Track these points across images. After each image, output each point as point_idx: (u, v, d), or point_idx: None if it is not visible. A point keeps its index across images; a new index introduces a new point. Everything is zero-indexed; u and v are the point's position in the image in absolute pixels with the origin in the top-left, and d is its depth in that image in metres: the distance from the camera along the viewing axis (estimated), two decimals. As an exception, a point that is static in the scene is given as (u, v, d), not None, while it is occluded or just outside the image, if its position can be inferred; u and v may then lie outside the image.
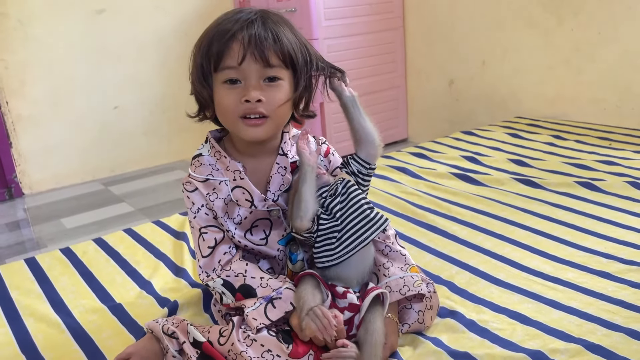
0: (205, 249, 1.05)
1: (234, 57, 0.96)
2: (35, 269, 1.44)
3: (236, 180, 1.05)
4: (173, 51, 3.13)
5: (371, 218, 1.01)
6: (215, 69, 0.99)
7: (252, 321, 0.95)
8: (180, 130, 3.22)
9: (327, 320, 0.90)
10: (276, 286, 0.99)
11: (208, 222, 1.05)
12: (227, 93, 0.99)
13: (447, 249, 1.39)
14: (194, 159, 1.08)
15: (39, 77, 2.81)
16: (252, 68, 0.97)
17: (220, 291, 1.02)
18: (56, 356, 1.08)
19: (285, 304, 0.97)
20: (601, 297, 1.12)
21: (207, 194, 1.04)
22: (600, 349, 0.97)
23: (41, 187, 2.92)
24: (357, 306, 0.97)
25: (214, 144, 1.07)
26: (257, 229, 1.07)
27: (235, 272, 1.02)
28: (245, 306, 0.97)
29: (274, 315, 0.96)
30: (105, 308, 1.23)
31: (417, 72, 3.19)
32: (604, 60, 2.37)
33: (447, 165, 2.00)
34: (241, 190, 1.05)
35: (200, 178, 1.05)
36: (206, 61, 0.99)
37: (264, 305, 0.97)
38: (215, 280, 1.03)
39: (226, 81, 0.98)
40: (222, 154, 1.06)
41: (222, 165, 1.06)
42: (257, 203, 1.05)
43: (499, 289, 1.19)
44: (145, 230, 1.64)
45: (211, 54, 0.98)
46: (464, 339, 1.03)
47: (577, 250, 1.33)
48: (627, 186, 1.64)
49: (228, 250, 1.05)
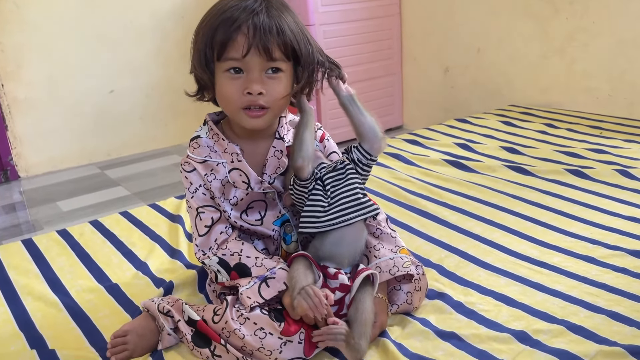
0: (202, 228, 1.07)
1: (238, 50, 0.98)
2: (32, 250, 1.46)
3: (233, 163, 1.07)
4: (170, 35, 3.13)
5: (362, 202, 1.04)
6: (218, 58, 1.00)
7: (246, 299, 0.97)
8: (177, 114, 3.23)
9: (318, 299, 0.93)
10: (270, 266, 1.02)
11: (205, 202, 1.08)
12: (229, 83, 1.00)
13: (438, 234, 1.42)
14: (192, 140, 1.10)
15: (35, 60, 2.81)
16: (255, 60, 0.99)
17: (216, 269, 1.05)
18: (54, 334, 1.10)
19: (278, 283, 0.99)
20: (585, 281, 1.15)
21: (205, 174, 1.07)
22: (582, 330, 1.00)
23: (37, 170, 2.93)
24: (348, 287, 0.99)
25: (212, 127, 1.10)
26: (253, 210, 1.10)
27: (231, 251, 1.05)
28: (240, 285, 1.00)
29: (268, 294, 0.98)
30: (101, 288, 1.26)
31: (412, 59, 3.20)
32: (597, 49, 2.39)
33: (440, 152, 2.02)
34: (238, 172, 1.07)
35: (198, 159, 1.08)
36: (209, 49, 1.00)
37: (257, 284, 0.99)
38: (211, 258, 1.05)
39: (229, 70, 1.00)
40: (220, 137, 1.08)
41: (220, 148, 1.08)
42: (253, 185, 1.08)
43: (487, 272, 1.22)
44: (141, 213, 1.66)
45: (215, 42, 0.99)
46: (451, 319, 1.06)
47: (564, 235, 1.36)
48: (615, 174, 1.67)
49: (224, 229, 1.08)
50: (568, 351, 0.94)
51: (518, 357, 0.94)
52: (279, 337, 0.94)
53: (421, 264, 1.13)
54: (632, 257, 1.23)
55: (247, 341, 0.94)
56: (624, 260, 1.22)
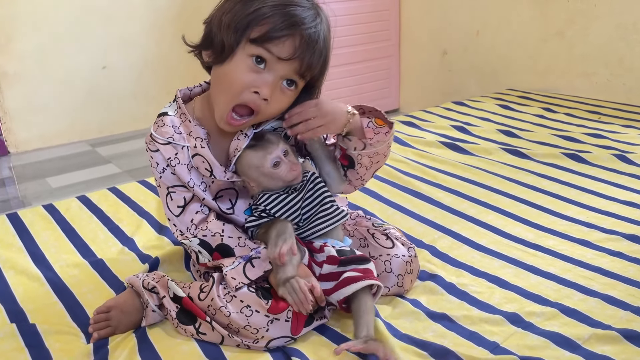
0: (175, 208, 1.02)
1: (281, 50, 0.91)
2: (16, 224, 1.43)
3: (197, 148, 1.00)
4: (164, 11, 3.07)
5: (333, 213, 1.02)
6: (254, 41, 0.91)
7: (231, 280, 0.94)
8: (171, 92, 3.15)
9: (303, 295, 0.89)
10: (254, 245, 0.99)
11: (175, 181, 1.01)
12: (245, 69, 0.93)
13: (431, 215, 1.39)
14: (159, 117, 1.02)
15: (26, 33, 2.75)
16: (286, 68, 0.93)
17: (197, 250, 1.01)
18: (35, 308, 1.08)
19: (264, 263, 0.96)
20: (579, 264, 1.13)
21: (169, 158, 1.00)
22: (576, 313, 0.98)
23: (27, 146, 2.88)
24: (336, 258, 0.97)
25: (180, 105, 1.03)
26: (223, 199, 1.04)
27: (212, 232, 1.00)
28: (224, 265, 0.97)
29: (253, 275, 0.95)
30: (86, 263, 1.23)
31: (411, 41, 3.16)
32: (597, 33, 2.35)
33: (437, 134, 1.99)
34: (201, 159, 1.00)
35: (161, 140, 1.00)
36: (252, 25, 0.91)
37: (242, 264, 0.96)
38: (191, 240, 1.01)
39: (255, 57, 0.92)
40: (188, 117, 1.01)
41: (185, 129, 1.01)
42: (216, 174, 1.01)
43: (480, 254, 1.20)
44: (129, 189, 1.63)
45: (262, 25, 0.91)
46: (442, 301, 1.04)
47: (559, 219, 1.34)
48: (612, 158, 1.65)
49: (200, 209, 1.02)
50: (561, 334, 0.92)
51: (510, 339, 0.92)
52: (265, 315, 0.91)
53: (413, 245, 1.11)
54: (628, 242, 1.21)
55: (233, 319, 0.91)
56: (619, 244, 1.20)
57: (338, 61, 2.94)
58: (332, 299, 0.96)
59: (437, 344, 0.91)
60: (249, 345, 0.92)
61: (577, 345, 0.90)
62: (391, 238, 1.09)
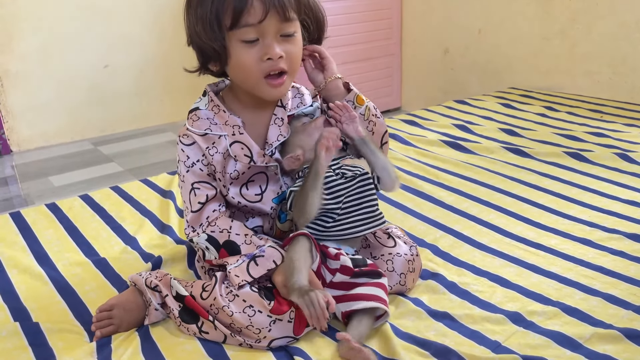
0: (195, 204, 1.04)
1: (254, 15, 0.93)
2: (20, 223, 1.43)
3: (235, 135, 1.03)
4: (166, 9, 3.06)
5: (374, 215, 1.02)
6: (232, 26, 0.94)
7: (234, 278, 0.95)
8: (172, 91, 3.18)
9: (321, 311, 0.88)
10: (259, 244, 1.00)
11: (201, 177, 1.04)
12: (246, 51, 0.96)
13: (433, 214, 1.39)
14: (191, 112, 1.05)
15: (28, 32, 2.75)
16: (272, 23, 0.95)
17: (204, 246, 1.02)
18: (39, 306, 1.08)
19: (267, 262, 0.97)
20: (581, 263, 1.13)
21: (207, 147, 1.03)
22: (577, 312, 0.98)
23: (30, 144, 2.89)
24: (350, 269, 0.97)
25: (212, 98, 1.05)
26: (254, 184, 1.06)
27: (220, 228, 1.02)
28: (228, 263, 0.98)
29: (256, 273, 0.96)
30: (89, 262, 1.24)
31: (412, 40, 3.15)
32: (599, 32, 2.35)
33: (438, 133, 1.99)
34: (240, 145, 1.03)
35: (199, 132, 1.03)
36: (220, 15, 0.94)
37: (246, 262, 0.97)
38: (200, 235, 1.02)
39: (243, 41, 0.95)
40: (221, 108, 1.04)
41: (221, 120, 1.04)
42: (255, 159, 1.04)
43: (482, 253, 1.20)
44: (132, 188, 1.63)
45: (226, 8, 0.93)
46: (444, 300, 1.05)
47: (561, 218, 1.34)
48: (615, 157, 1.65)
49: (217, 207, 1.04)
50: (562, 333, 0.93)
51: (511, 338, 0.92)
52: (268, 315, 0.92)
53: (415, 244, 1.11)
54: (629, 241, 1.21)
55: (235, 318, 0.92)
56: (621, 243, 1.20)
57: (339, 59, 2.94)
58: (338, 308, 0.96)
59: (439, 343, 0.91)
60: (251, 345, 0.93)
61: (578, 345, 0.90)
62: (393, 237, 1.09)
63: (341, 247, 1.01)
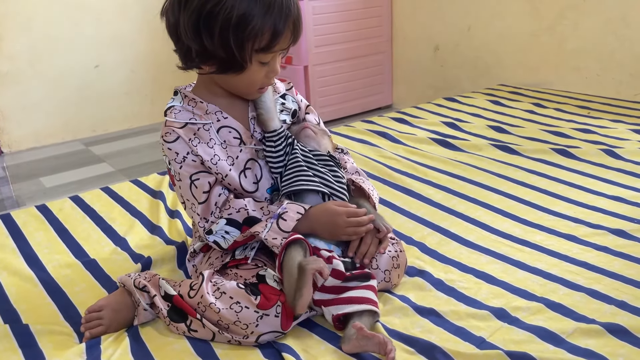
0: (200, 195, 1.05)
1: (284, 42, 0.99)
2: (9, 225, 1.43)
3: (220, 121, 1.07)
4: (156, 8, 3.05)
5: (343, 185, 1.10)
6: (264, 49, 0.98)
7: (273, 241, 0.98)
8: (163, 90, 3.18)
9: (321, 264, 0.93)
10: (277, 207, 1.04)
11: (197, 168, 1.05)
12: (259, 70, 1.02)
13: (421, 212, 1.40)
14: (168, 110, 1.07)
15: (18, 32, 2.75)
16: (285, 48, 1.02)
17: (223, 233, 1.04)
18: (28, 308, 1.09)
19: (293, 214, 1.01)
20: (566, 259, 1.15)
21: (189, 139, 1.04)
22: (561, 307, 1.00)
23: (20, 145, 2.88)
24: (342, 273, 0.98)
25: (187, 94, 1.08)
26: (250, 172, 1.08)
27: (236, 209, 1.04)
28: (257, 232, 1.00)
29: (288, 226, 1.00)
30: (79, 263, 1.24)
31: (403, 37, 3.16)
32: (587, 28, 2.37)
33: (427, 131, 2.01)
34: (227, 130, 1.07)
35: (179, 123, 1.05)
36: (258, 37, 0.95)
37: (274, 222, 1.00)
38: (218, 222, 1.04)
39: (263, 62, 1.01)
40: (197, 100, 1.07)
41: (201, 111, 1.07)
42: (245, 139, 1.07)
43: (468, 250, 1.22)
44: (122, 188, 1.64)
45: (264, 32, 0.95)
46: (430, 296, 1.06)
47: (547, 214, 1.35)
48: (601, 154, 1.66)
49: (222, 191, 1.06)
50: (546, 328, 0.94)
51: (496, 334, 0.94)
52: (255, 310, 0.93)
53: (400, 240, 1.12)
54: (613, 236, 1.23)
55: (222, 315, 0.93)
56: (605, 238, 1.22)
57: (330, 58, 2.95)
58: (329, 311, 0.97)
59: (425, 340, 0.92)
60: (239, 341, 0.94)
61: (561, 340, 0.92)
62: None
63: (329, 246, 1.03)
